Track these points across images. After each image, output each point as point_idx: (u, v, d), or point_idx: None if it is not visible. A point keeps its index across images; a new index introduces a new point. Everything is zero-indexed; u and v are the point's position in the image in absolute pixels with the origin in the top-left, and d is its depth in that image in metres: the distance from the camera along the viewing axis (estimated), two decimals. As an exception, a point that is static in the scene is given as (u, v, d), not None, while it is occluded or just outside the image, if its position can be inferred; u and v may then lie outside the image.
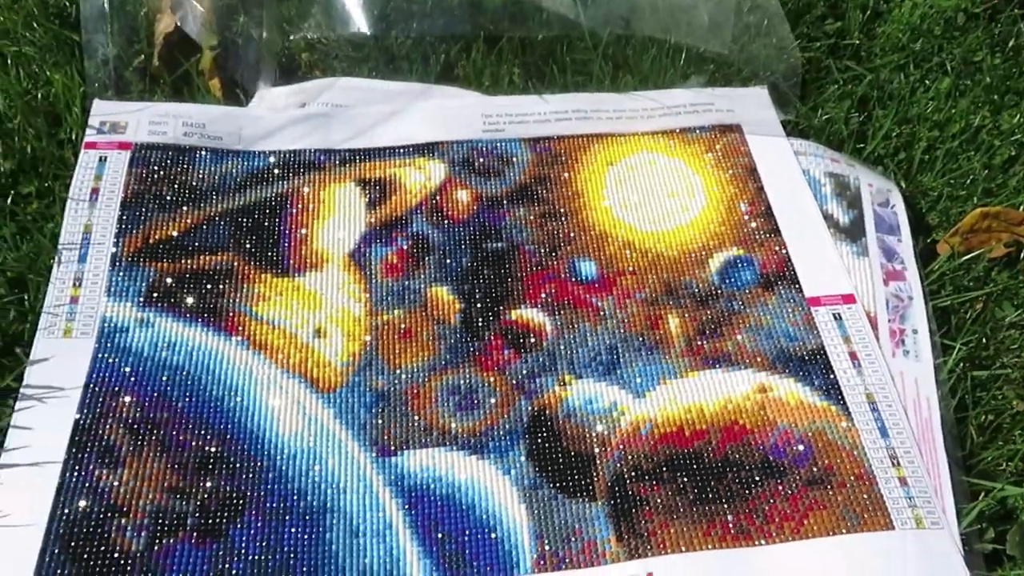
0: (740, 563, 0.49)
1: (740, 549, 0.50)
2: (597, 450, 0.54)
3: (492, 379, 0.58)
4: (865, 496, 0.52)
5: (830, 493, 0.52)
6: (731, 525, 0.51)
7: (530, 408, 0.56)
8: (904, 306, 0.62)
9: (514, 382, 0.57)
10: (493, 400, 0.57)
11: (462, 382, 0.57)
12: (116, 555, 0.48)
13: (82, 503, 0.50)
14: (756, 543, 0.50)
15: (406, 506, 0.52)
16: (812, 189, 0.67)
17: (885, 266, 0.64)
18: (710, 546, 0.50)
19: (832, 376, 0.57)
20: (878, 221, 0.66)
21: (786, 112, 0.73)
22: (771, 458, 0.54)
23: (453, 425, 0.55)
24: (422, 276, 0.62)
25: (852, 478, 0.53)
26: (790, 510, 0.52)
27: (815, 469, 0.53)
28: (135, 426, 0.53)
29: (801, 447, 0.54)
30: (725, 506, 0.52)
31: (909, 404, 0.57)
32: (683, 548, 0.50)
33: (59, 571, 0.47)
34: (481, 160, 0.69)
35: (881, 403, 0.56)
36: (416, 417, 0.55)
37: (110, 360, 0.56)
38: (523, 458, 0.54)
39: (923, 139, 0.72)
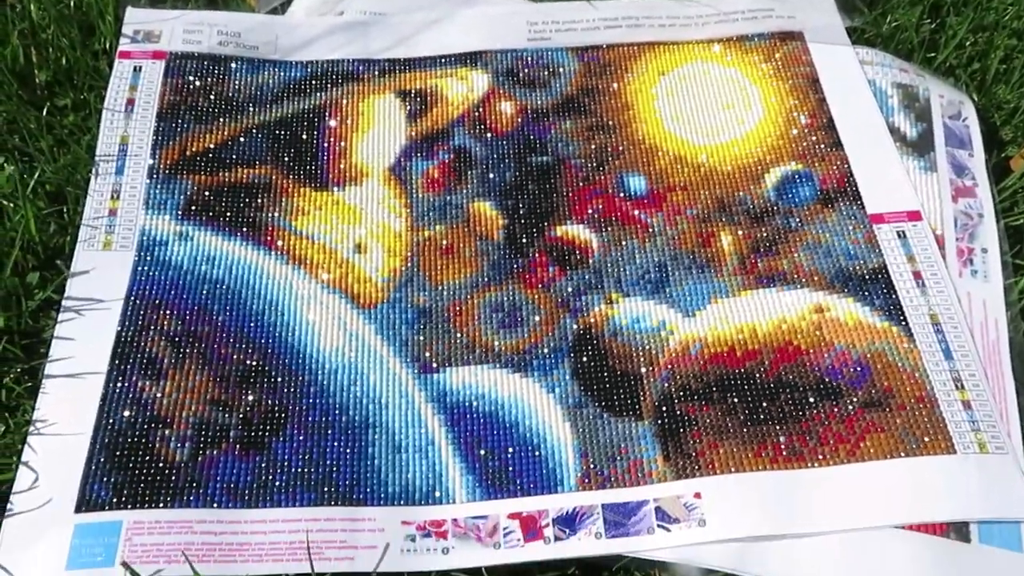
0: (792, 485, 0.48)
1: (792, 471, 0.48)
2: (644, 369, 0.53)
3: (536, 297, 0.56)
4: (926, 419, 0.50)
5: (888, 416, 0.50)
6: (783, 447, 0.49)
7: (575, 326, 0.55)
8: (973, 224, 0.58)
9: (559, 300, 0.56)
10: (537, 318, 0.55)
11: (505, 299, 0.56)
12: (161, 464, 0.48)
13: (126, 413, 0.49)
14: (809, 465, 0.48)
15: (448, 423, 0.51)
16: (878, 101, 0.63)
17: (954, 182, 0.60)
18: (761, 467, 0.48)
19: (894, 296, 0.55)
20: (948, 135, 0.62)
21: (852, 19, 0.69)
22: (827, 379, 0.52)
23: (496, 343, 0.54)
24: (464, 191, 0.60)
25: (912, 400, 0.50)
26: (845, 432, 0.50)
27: (873, 391, 0.51)
28: (176, 339, 0.53)
29: (859, 369, 0.52)
30: (777, 427, 0.50)
31: (976, 326, 0.54)
32: (732, 469, 0.48)
33: (106, 479, 0.47)
34: (526, 70, 0.66)
35: (946, 324, 0.53)
36: (458, 334, 0.54)
37: (150, 273, 0.55)
38: (568, 376, 0.53)
39: (1000, 48, 0.68)
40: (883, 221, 0.58)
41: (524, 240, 0.58)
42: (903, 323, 0.54)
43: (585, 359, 0.53)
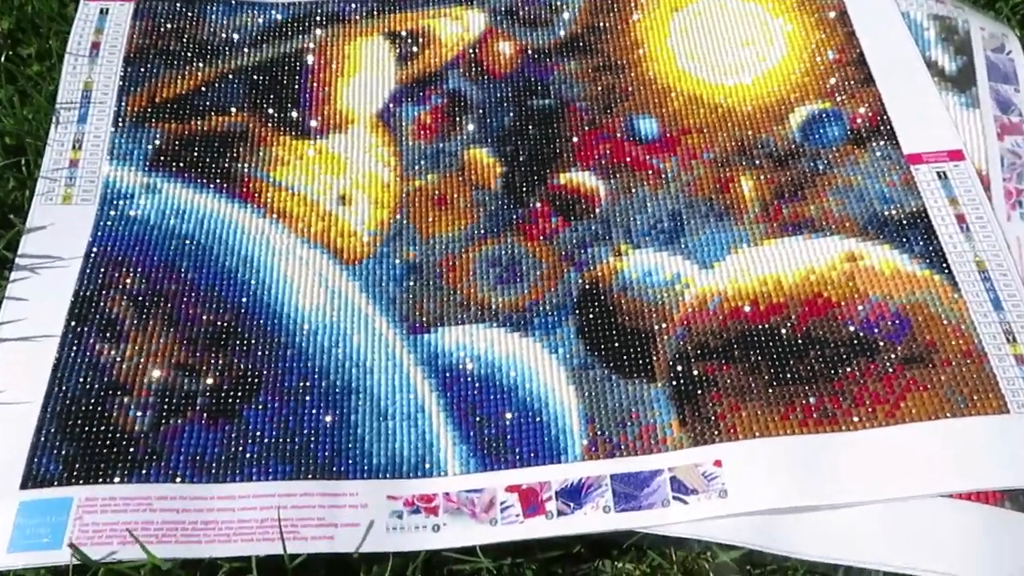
0: (823, 450, 0.42)
1: (823, 435, 0.43)
2: (657, 327, 0.47)
3: (538, 249, 0.51)
4: (975, 376, 0.44)
5: (932, 373, 0.44)
6: (813, 409, 0.44)
7: (580, 281, 0.49)
8: (1022, 163, 0.52)
9: (563, 252, 0.50)
10: (539, 272, 0.50)
11: (503, 253, 0.51)
12: (118, 435, 0.43)
13: (81, 379, 0.45)
14: (842, 428, 0.43)
15: (440, 387, 0.46)
16: (913, 34, 0.57)
17: (999, 119, 0.54)
18: (788, 431, 0.43)
19: (935, 242, 0.49)
20: (991, 68, 0.56)
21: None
22: (861, 334, 0.46)
23: (494, 299, 0.49)
24: (459, 138, 0.55)
25: (959, 355, 0.45)
26: (883, 392, 0.44)
27: (914, 346, 0.45)
28: (140, 298, 0.48)
29: (897, 322, 0.46)
30: (806, 388, 0.44)
31: None
32: (757, 433, 0.43)
33: (56, 452, 0.42)
34: (526, 8, 0.60)
35: (994, 272, 0.48)
36: (452, 291, 0.49)
37: (113, 228, 0.50)
38: (572, 335, 0.47)
39: (1046, -23, 0.62)
40: (921, 161, 0.52)
41: (524, 189, 0.53)
42: (946, 271, 0.48)
43: (591, 316, 0.48)
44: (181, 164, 0.53)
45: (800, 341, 0.46)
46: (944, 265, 0.48)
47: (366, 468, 0.43)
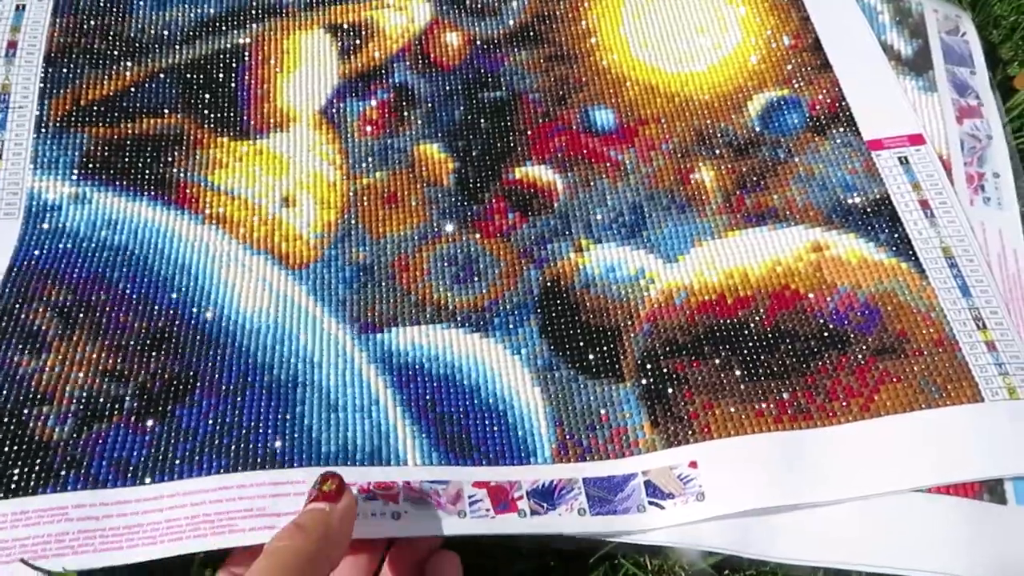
0: (800, 447, 0.41)
1: (799, 431, 0.42)
2: (623, 324, 0.45)
3: (495, 247, 0.48)
4: (947, 365, 0.43)
5: (905, 363, 0.43)
6: (787, 404, 0.42)
7: (541, 278, 0.47)
8: (982, 147, 0.52)
9: (521, 249, 0.48)
10: (497, 270, 0.48)
11: (459, 251, 0.48)
12: (34, 446, 0.40)
13: None
14: (818, 424, 0.42)
15: (396, 384, 0.43)
16: (867, 18, 0.56)
17: (957, 102, 0.53)
18: (764, 428, 0.42)
19: (900, 229, 0.48)
20: (947, 51, 0.55)
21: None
22: (831, 326, 0.45)
23: (450, 300, 0.46)
24: (407, 133, 0.52)
25: (930, 345, 0.44)
26: (857, 385, 0.43)
27: (885, 336, 0.44)
28: (66, 309, 0.44)
29: (867, 312, 0.45)
30: (779, 383, 0.43)
31: (993, 258, 0.47)
32: (732, 432, 0.42)
33: None
34: (472, -4, 0.58)
35: (960, 257, 0.47)
36: (406, 293, 0.47)
37: (40, 243, 0.47)
38: (535, 335, 0.45)
39: (995, -43, 0.61)
40: (882, 147, 0.51)
41: (478, 184, 0.51)
42: (913, 258, 0.47)
43: (554, 315, 0.46)
44: (112, 171, 0.50)
45: (770, 335, 0.45)
46: (911, 252, 0.47)
47: (313, 456, 0.40)
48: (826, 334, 0.45)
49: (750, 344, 0.44)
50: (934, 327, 0.44)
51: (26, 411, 0.41)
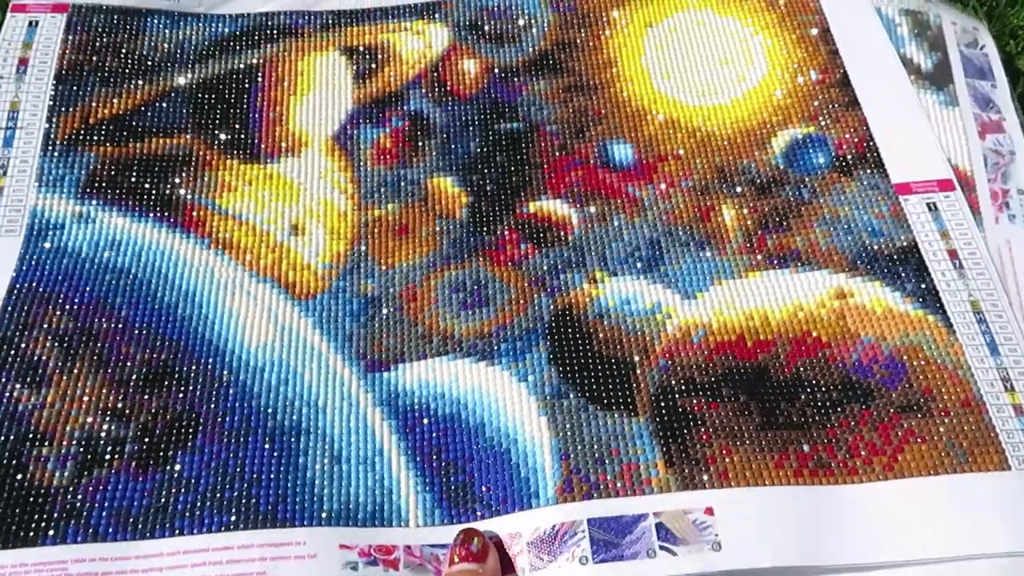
0: (821, 504, 0.39)
1: (820, 487, 0.40)
2: (637, 357, 0.44)
3: (505, 274, 0.47)
4: (973, 428, 0.41)
5: (930, 423, 0.42)
6: (808, 458, 0.41)
7: (552, 306, 0.46)
8: (1005, 163, 0.50)
9: (532, 278, 0.47)
10: (506, 296, 0.46)
11: (468, 278, 0.47)
12: (33, 491, 0.39)
13: None
14: (840, 480, 0.40)
15: (401, 429, 0.42)
16: (886, 29, 0.55)
17: (979, 117, 0.52)
18: (783, 481, 0.40)
19: (928, 279, 0.46)
20: (966, 64, 0.54)
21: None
22: (854, 378, 0.43)
23: (457, 328, 0.45)
24: (421, 164, 0.51)
25: (957, 405, 0.42)
26: (880, 442, 0.41)
27: (910, 393, 0.42)
28: (66, 338, 0.43)
29: (892, 365, 0.43)
30: (799, 434, 0.41)
31: (1020, 281, 0.45)
32: (750, 481, 0.40)
33: None
34: (492, 23, 0.57)
35: (989, 312, 0.45)
36: (412, 323, 0.45)
37: (40, 262, 0.46)
38: (543, 361, 0.44)
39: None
40: (910, 192, 0.50)
41: (491, 216, 0.49)
42: (940, 311, 0.45)
43: (565, 342, 0.44)
44: (118, 191, 0.49)
45: (790, 382, 0.43)
46: (938, 305, 0.45)
47: (316, 514, 0.39)
48: (848, 386, 0.43)
49: (770, 391, 0.43)
50: (961, 386, 0.43)
51: (25, 452, 0.40)
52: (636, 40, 0.56)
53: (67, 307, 0.44)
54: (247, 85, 0.53)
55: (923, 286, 0.46)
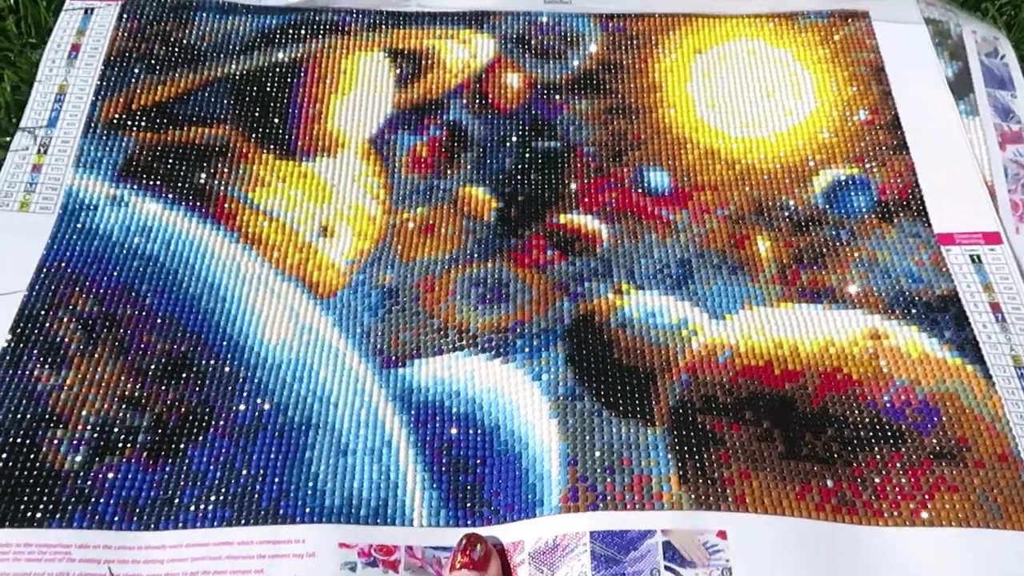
0: (843, 542, 0.38)
1: (843, 525, 0.38)
2: (659, 368, 0.43)
3: (529, 276, 0.46)
4: (1009, 484, 0.40)
5: (964, 473, 0.40)
6: (831, 493, 0.39)
7: (574, 311, 0.45)
8: (1027, 173, 0.50)
9: (556, 282, 0.46)
10: (527, 296, 0.45)
11: (489, 275, 0.46)
12: (45, 472, 0.39)
13: (13, 408, 0.40)
14: (863, 521, 0.38)
15: (412, 423, 0.41)
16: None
17: (1000, 127, 0.51)
18: (803, 513, 0.38)
19: (968, 330, 0.45)
20: (987, 74, 0.54)
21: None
22: (885, 419, 0.42)
23: (473, 321, 0.44)
24: (455, 176, 0.51)
25: (993, 458, 0.40)
26: (910, 486, 0.39)
27: (944, 440, 0.41)
28: (90, 322, 0.43)
29: (925, 411, 0.42)
30: (823, 468, 0.40)
31: None
32: (768, 509, 0.38)
33: None
34: (539, 37, 0.56)
35: (1031, 370, 0.43)
36: (428, 316, 0.45)
37: (71, 241, 0.46)
38: (560, 361, 0.43)
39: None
40: (953, 242, 0.48)
41: (520, 221, 0.49)
42: (979, 362, 0.43)
43: (584, 346, 0.43)
44: (153, 177, 0.49)
45: (818, 415, 0.42)
46: (977, 355, 0.44)
47: (316, 510, 0.38)
48: (879, 426, 0.41)
49: (795, 420, 0.41)
50: (998, 440, 0.41)
51: (40, 433, 0.40)
52: (684, 66, 0.55)
53: (94, 290, 0.44)
54: (290, 80, 0.54)
55: (962, 335, 0.44)
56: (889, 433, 0.41)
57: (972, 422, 0.41)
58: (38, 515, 0.37)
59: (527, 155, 0.52)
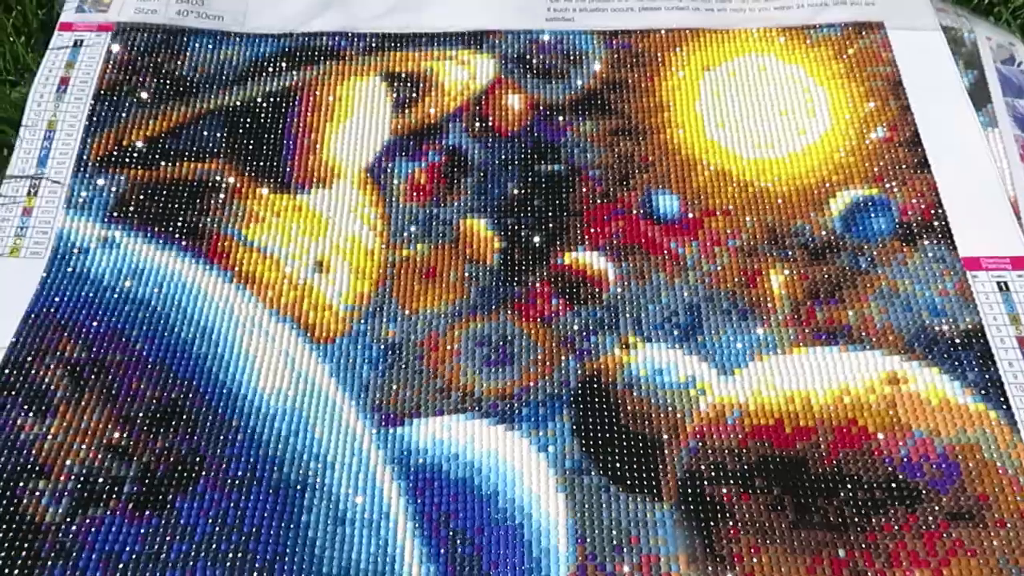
0: None
1: None
2: (667, 435, 0.41)
3: (533, 331, 0.45)
4: (1032, 544, 0.38)
5: (983, 534, 0.38)
6: (844, 564, 0.37)
7: (580, 371, 0.43)
8: (1049, 189, 0.47)
9: (562, 337, 0.44)
10: (532, 356, 0.44)
11: (494, 332, 0.45)
12: (24, 527, 0.38)
13: None
14: None
15: (409, 491, 0.40)
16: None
17: (1020, 138, 0.49)
18: None
19: (993, 369, 0.42)
20: (1004, 82, 0.51)
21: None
22: (901, 476, 0.39)
23: (478, 385, 0.43)
24: (456, 204, 0.49)
25: (1015, 516, 0.38)
26: (924, 552, 0.37)
27: (963, 498, 0.39)
28: (78, 368, 0.42)
29: (944, 465, 0.40)
30: (835, 536, 0.38)
31: None
32: None
33: None
34: (541, 56, 0.54)
35: (1061, 412, 0.41)
36: (432, 374, 0.43)
37: (61, 287, 0.45)
38: (566, 432, 0.41)
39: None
40: (980, 267, 0.46)
41: (524, 266, 0.47)
42: (1004, 407, 0.41)
43: (591, 412, 0.42)
44: (144, 216, 0.48)
45: (830, 476, 0.40)
46: (1002, 399, 0.41)
47: None
48: (894, 485, 0.39)
49: (807, 484, 0.40)
50: (1022, 494, 0.39)
51: (21, 484, 0.39)
52: (692, 84, 0.53)
53: (82, 336, 0.44)
54: (284, 109, 0.52)
55: (986, 376, 0.42)
56: (905, 493, 0.39)
57: (994, 476, 0.39)
58: (15, 572, 0.36)
59: (530, 179, 0.50)
